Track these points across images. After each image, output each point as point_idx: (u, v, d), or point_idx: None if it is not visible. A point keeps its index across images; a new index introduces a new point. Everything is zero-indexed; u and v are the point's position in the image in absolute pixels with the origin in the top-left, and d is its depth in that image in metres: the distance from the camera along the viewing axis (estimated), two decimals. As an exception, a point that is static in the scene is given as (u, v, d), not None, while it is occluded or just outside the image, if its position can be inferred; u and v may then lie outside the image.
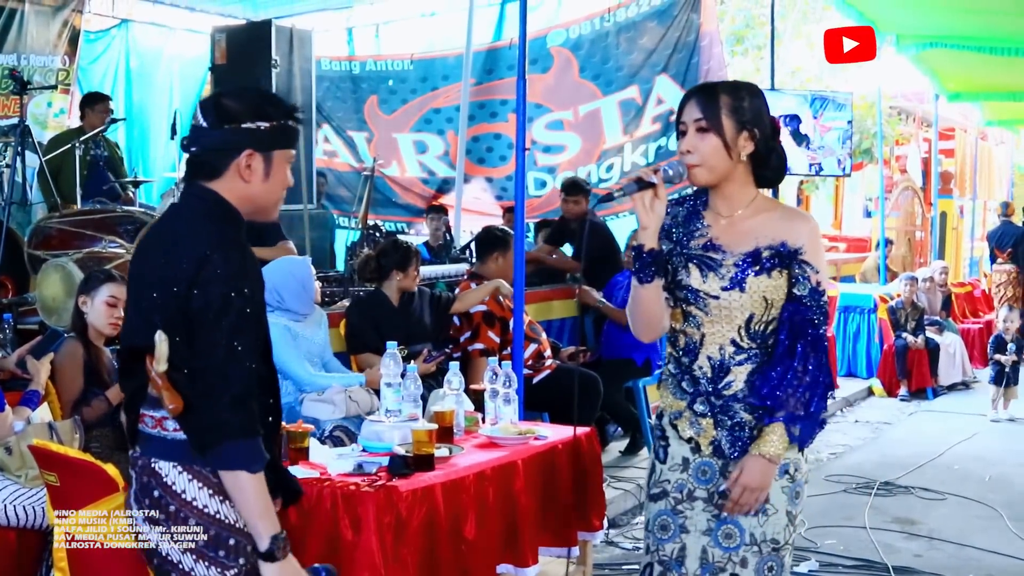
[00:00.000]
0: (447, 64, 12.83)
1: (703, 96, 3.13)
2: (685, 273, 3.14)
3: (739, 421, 3.12)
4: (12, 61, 10.41)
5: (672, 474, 3.21)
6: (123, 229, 6.77)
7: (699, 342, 3.15)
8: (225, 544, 2.77)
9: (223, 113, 2.81)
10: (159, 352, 2.69)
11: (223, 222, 2.82)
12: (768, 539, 3.13)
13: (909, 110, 22.18)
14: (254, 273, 2.86)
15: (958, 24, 10.20)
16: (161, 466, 2.80)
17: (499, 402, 5.01)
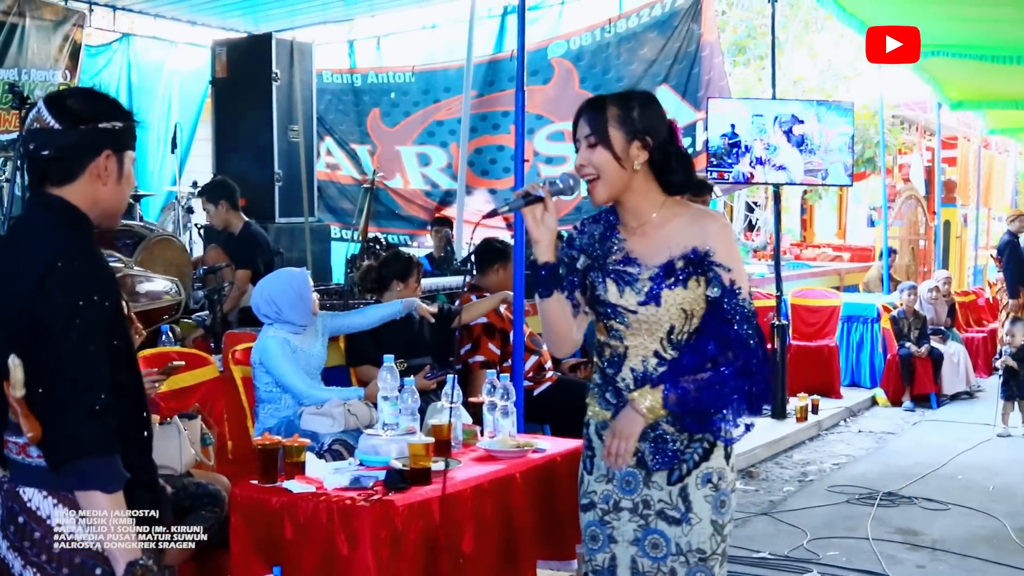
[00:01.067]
0: (449, 76, 12.85)
1: (591, 111, 3.13)
2: (603, 289, 3.14)
3: (661, 433, 3.11)
4: (13, 76, 10.41)
5: (599, 485, 3.23)
6: (122, 243, 6.80)
7: (623, 354, 3.15)
8: (91, 573, 2.64)
9: (77, 114, 2.69)
10: (14, 378, 2.53)
11: (71, 228, 2.68)
12: (694, 548, 3.12)
13: (911, 119, 22.20)
14: (105, 279, 2.69)
15: (960, 33, 10.19)
16: (25, 492, 2.65)
17: (497, 415, 5.00)
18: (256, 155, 9.84)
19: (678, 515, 3.12)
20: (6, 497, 2.69)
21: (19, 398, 2.54)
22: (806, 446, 9.57)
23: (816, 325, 12.03)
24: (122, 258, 6.60)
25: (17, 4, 10.43)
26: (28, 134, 2.70)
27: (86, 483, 2.55)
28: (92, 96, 2.81)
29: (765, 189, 18.48)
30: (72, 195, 2.70)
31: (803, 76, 20.74)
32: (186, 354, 5.66)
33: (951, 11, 9.34)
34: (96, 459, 2.54)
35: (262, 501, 4.11)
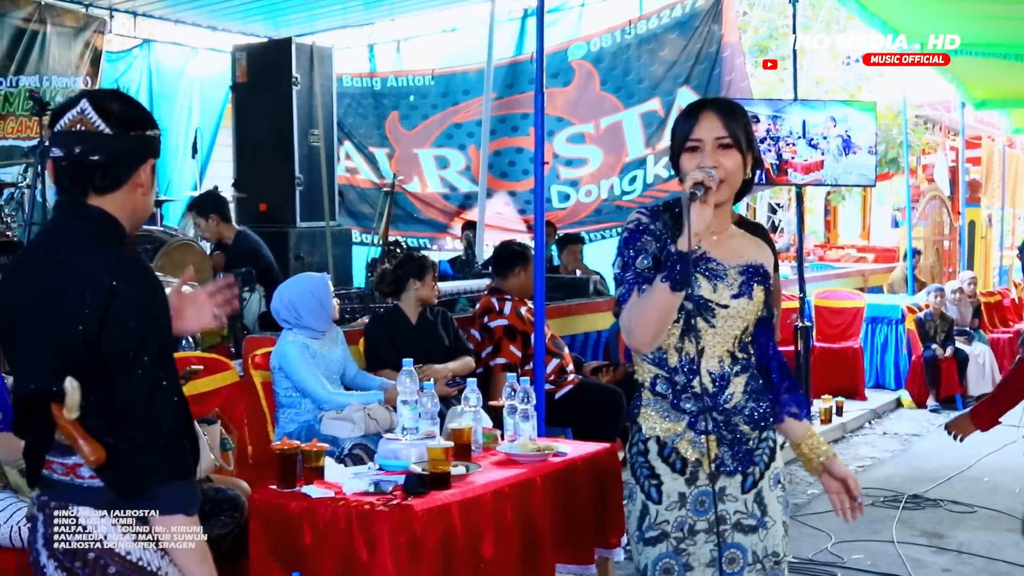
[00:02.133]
0: (468, 79, 12.84)
1: (724, 112, 3.07)
2: (695, 284, 3.03)
3: (740, 435, 3.09)
4: (34, 82, 10.48)
5: (670, 513, 3.07)
6: (142, 248, 6.82)
7: (697, 356, 3.05)
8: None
9: (125, 119, 2.61)
10: (70, 400, 2.43)
11: (118, 244, 2.60)
12: (769, 553, 3.11)
13: (935, 119, 22.08)
14: (164, 298, 2.60)
15: (983, 31, 10.11)
16: (78, 511, 2.55)
17: (518, 418, 4.96)
18: (277, 160, 9.86)
19: (755, 522, 3.10)
20: (50, 517, 2.59)
21: (72, 420, 2.45)
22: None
23: (840, 327, 11.97)
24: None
25: (38, 11, 10.50)
26: (71, 136, 2.57)
27: (169, 508, 2.51)
28: (133, 101, 2.73)
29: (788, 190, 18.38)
30: (111, 204, 2.61)
31: (825, 76, 20.64)
32: (206, 359, 5.66)
33: (974, 10, 9.28)
34: (175, 484, 2.51)
35: (281, 506, 4.09)
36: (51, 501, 2.60)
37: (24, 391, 2.57)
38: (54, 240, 2.64)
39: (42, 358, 2.51)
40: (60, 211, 2.68)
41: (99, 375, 2.46)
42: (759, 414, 3.12)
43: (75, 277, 2.50)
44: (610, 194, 11.93)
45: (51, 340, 2.49)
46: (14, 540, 4.18)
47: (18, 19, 10.39)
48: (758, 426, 3.11)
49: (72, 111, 2.58)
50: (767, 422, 3.14)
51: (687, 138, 3.06)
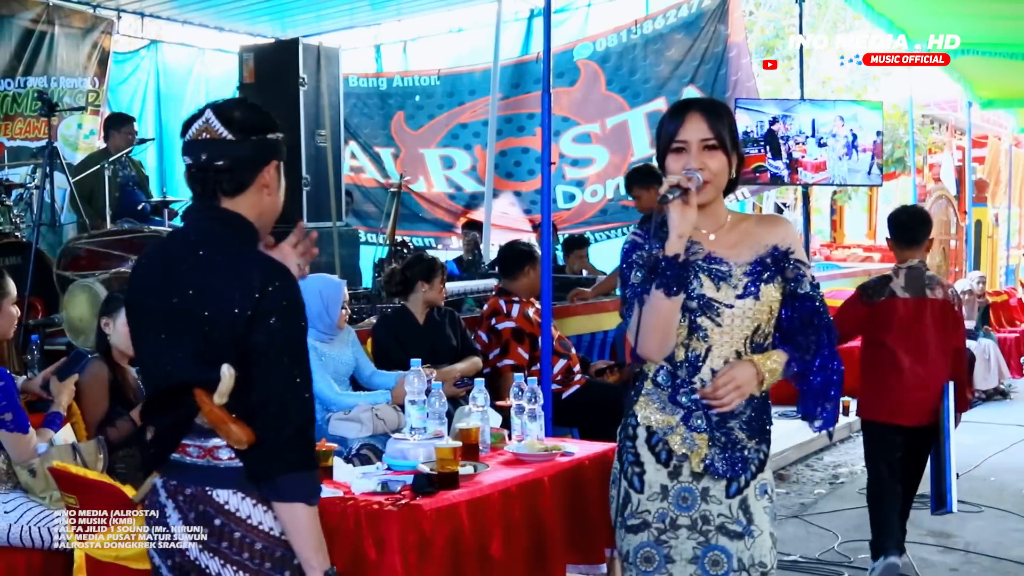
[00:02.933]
0: (474, 79, 12.86)
1: (709, 113, 3.11)
2: (697, 284, 3.07)
3: (734, 440, 3.10)
4: (42, 83, 10.49)
5: (652, 503, 3.13)
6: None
7: (703, 355, 3.09)
8: (291, 564, 2.74)
9: (246, 125, 2.75)
10: (224, 386, 2.60)
11: (256, 245, 2.77)
12: (756, 563, 3.09)
13: (941, 118, 22.05)
14: (302, 299, 2.76)
15: (990, 31, 10.11)
16: (219, 494, 2.70)
17: (525, 418, 4.97)
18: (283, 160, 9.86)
19: (740, 528, 3.09)
20: (193, 501, 2.72)
21: (220, 405, 2.61)
22: (837, 448, 9.51)
23: (847, 326, 11.91)
24: (150, 264, 6.61)
25: (46, 12, 10.52)
26: (198, 144, 2.73)
27: (292, 496, 2.65)
28: (254, 108, 2.84)
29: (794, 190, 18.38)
30: (241, 207, 2.75)
31: (832, 76, 20.63)
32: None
33: (981, 9, 9.28)
34: (300, 474, 2.66)
35: (289, 506, 4.09)
36: (186, 485, 2.73)
37: (168, 383, 2.73)
38: (196, 241, 2.76)
39: (194, 349, 2.67)
40: (197, 214, 2.82)
41: (240, 368, 2.62)
42: (758, 423, 3.13)
43: (226, 277, 2.66)
44: (616, 194, 11.93)
45: (201, 334, 2.66)
46: (24, 540, 4.20)
47: (26, 20, 10.41)
48: (755, 434, 3.12)
49: (198, 121, 2.75)
50: (765, 431, 3.15)
51: (672, 139, 3.10)
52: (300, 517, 2.67)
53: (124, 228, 7.21)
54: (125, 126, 9.20)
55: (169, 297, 2.70)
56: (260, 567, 2.71)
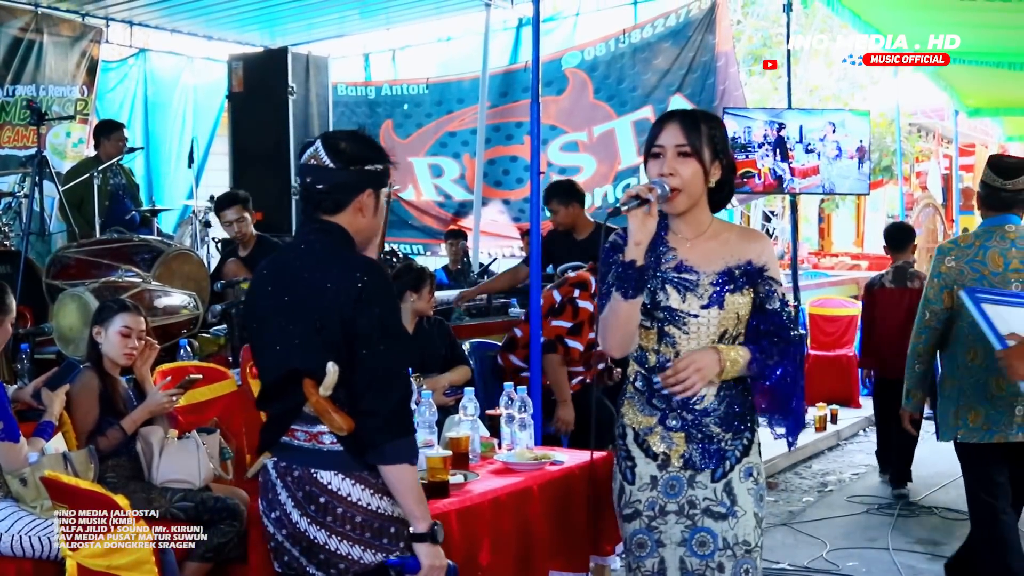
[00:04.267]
0: (462, 88, 12.87)
1: (686, 122, 3.24)
2: (664, 295, 3.25)
3: (709, 434, 3.27)
4: (31, 92, 10.49)
5: (642, 493, 3.35)
6: (140, 258, 6.82)
7: (672, 359, 3.25)
8: (388, 532, 3.17)
9: (348, 156, 3.17)
10: (329, 380, 3.04)
11: (352, 249, 3.20)
12: (740, 541, 3.26)
13: (928, 127, 22.13)
14: (395, 292, 3.25)
15: (976, 40, 10.15)
16: (322, 475, 3.15)
17: (515, 427, 4.98)
18: (273, 169, 9.89)
19: (724, 510, 3.27)
20: (300, 481, 3.17)
21: (325, 397, 3.05)
22: (825, 456, 9.54)
23: (834, 335, 11.97)
24: (140, 273, 6.61)
25: (35, 21, 10.52)
26: (306, 168, 3.20)
27: (397, 459, 3.10)
28: (361, 140, 3.25)
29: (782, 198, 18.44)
30: (340, 223, 3.20)
31: (819, 85, 20.71)
32: (204, 368, 5.67)
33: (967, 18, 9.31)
34: (402, 439, 3.11)
35: (280, 515, 4.10)
36: (293, 467, 3.20)
37: (282, 369, 3.17)
38: (303, 248, 3.27)
39: (304, 339, 3.13)
40: (306, 227, 3.30)
41: (349, 352, 3.07)
42: (733, 415, 3.29)
43: (330, 274, 3.12)
44: (604, 202, 11.94)
45: (314, 327, 3.11)
46: (15, 549, 4.19)
47: (15, 28, 10.40)
48: (731, 427, 3.29)
49: (311, 148, 3.21)
50: (743, 422, 3.31)
51: (652, 144, 3.27)
52: (405, 477, 3.12)
53: (113, 237, 7.20)
54: (115, 133, 9.19)
55: (282, 296, 3.19)
56: (361, 536, 3.15)
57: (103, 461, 4.57)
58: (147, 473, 4.68)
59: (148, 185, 11.92)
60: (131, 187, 9.61)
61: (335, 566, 3.18)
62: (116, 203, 9.18)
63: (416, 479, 3.17)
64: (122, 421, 4.70)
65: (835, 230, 25.30)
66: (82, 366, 4.87)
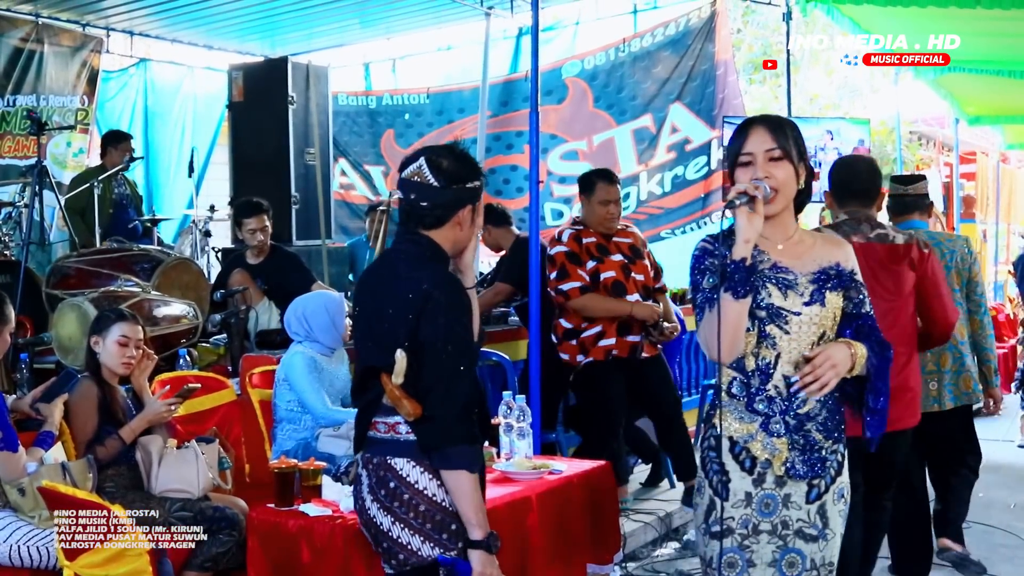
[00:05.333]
0: (463, 97, 12.88)
1: (774, 127, 3.23)
2: (765, 293, 3.19)
3: (812, 441, 3.21)
4: (31, 102, 10.50)
5: (736, 511, 3.23)
6: (139, 268, 6.82)
7: (773, 362, 3.19)
8: (448, 528, 3.29)
9: (451, 175, 3.32)
10: (399, 367, 3.19)
11: (439, 262, 3.35)
12: (827, 563, 3.25)
13: (929, 135, 22.12)
14: (467, 305, 3.34)
15: (976, 48, 10.16)
16: (396, 462, 3.30)
17: (514, 436, 4.98)
18: (273, 178, 9.88)
19: (815, 532, 3.23)
20: (375, 469, 3.35)
21: (398, 384, 3.20)
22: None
23: (834, 343, 11.92)
24: (139, 282, 6.62)
25: (35, 31, 10.53)
26: (411, 184, 3.34)
27: (456, 464, 3.22)
28: (462, 158, 3.40)
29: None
30: (437, 237, 3.36)
31: (819, 93, 20.72)
32: (203, 378, 5.68)
33: (966, 26, 9.33)
34: (464, 446, 3.23)
35: (279, 525, 4.11)
36: (373, 457, 3.38)
37: (364, 365, 3.41)
38: (394, 259, 3.45)
39: (381, 340, 3.29)
40: (399, 238, 3.47)
41: (415, 358, 3.22)
42: (833, 423, 3.23)
43: (405, 284, 3.28)
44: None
45: (386, 329, 3.29)
46: (14, 559, 4.20)
47: (15, 39, 10.42)
48: (831, 435, 3.22)
49: (413, 164, 3.34)
50: (840, 432, 3.25)
51: (739, 153, 3.23)
52: (464, 483, 3.22)
53: (113, 247, 7.20)
54: (123, 143, 9.26)
55: (369, 300, 3.41)
56: (422, 527, 3.28)
57: (102, 470, 4.58)
58: (146, 482, 4.68)
59: (148, 195, 11.92)
60: (135, 197, 9.64)
61: (396, 556, 3.32)
62: (120, 212, 9.21)
63: (475, 487, 3.26)
64: (121, 431, 4.70)
65: (836, 238, 25.26)
66: (80, 376, 4.88)
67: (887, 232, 4.96)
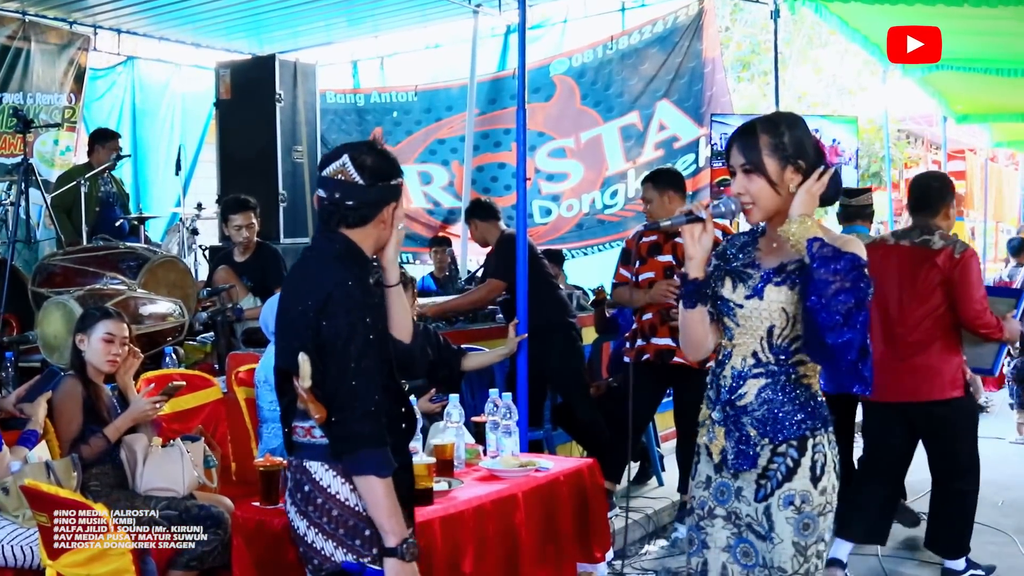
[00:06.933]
0: (451, 95, 12.87)
1: (743, 139, 3.22)
2: (720, 284, 3.28)
3: (745, 435, 3.22)
4: (18, 100, 10.47)
5: (697, 491, 3.36)
6: (125, 266, 6.79)
7: (729, 353, 3.28)
8: (361, 534, 3.18)
9: (375, 173, 3.25)
10: (303, 370, 3.10)
11: (350, 260, 3.23)
12: (776, 566, 3.20)
13: (917, 133, 22.18)
14: (376, 303, 3.28)
15: (965, 46, 10.17)
16: (311, 466, 3.23)
17: (500, 434, 4.98)
18: (260, 176, 9.84)
19: (763, 532, 3.23)
20: (294, 472, 3.29)
21: (306, 388, 3.11)
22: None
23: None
24: (125, 280, 6.59)
25: (22, 28, 10.49)
26: (333, 183, 3.26)
27: (364, 469, 3.11)
28: (384, 155, 3.34)
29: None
30: (357, 235, 3.27)
31: (807, 91, 20.75)
32: (189, 376, 5.66)
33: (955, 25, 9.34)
34: (371, 450, 3.10)
35: (264, 523, 4.10)
36: (294, 460, 3.32)
37: (278, 366, 3.34)
38: (307, 257, 3.37)
39: (290, 341, 3.23)
40: (317, 235, 3.41)
41: (320, 360, 3.12)
42: (771, 425, 3.19)
43: (310, 284, 3.21)
44: (591, 208, 11.95)
45: (292, 330, 3.23)
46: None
47: (2, 36, 10.37)
48: (767, 434, 3.19)
49: (336, 163, 3.26)
50: (782, 435, 3.19)
51: (728, 165, 3.29)
52: (374, 488, 3.10)
53: (99, 245, 7.17)
54: (110, 141, 9.25)
55: (284, 300, 3.35)
56: (335, 532, 3.19)
57: (86, 469, 4.56)
58: (131, 481, 4.66)
59: (136, 193, 11.90)
60: (122, 195, 9.62)
61: (311, 561, 3.25)
62: (107, 210, 9.19)
63: (386, 492, 3.12)
64: (105, 429, 4.68)
65: (824, 236, 25.31)
66: (64, 374, 4.86)
67: (931, 239, 5.95)
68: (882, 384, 5.70)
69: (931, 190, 6.17)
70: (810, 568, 3.22)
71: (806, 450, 3.18)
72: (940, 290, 5.85)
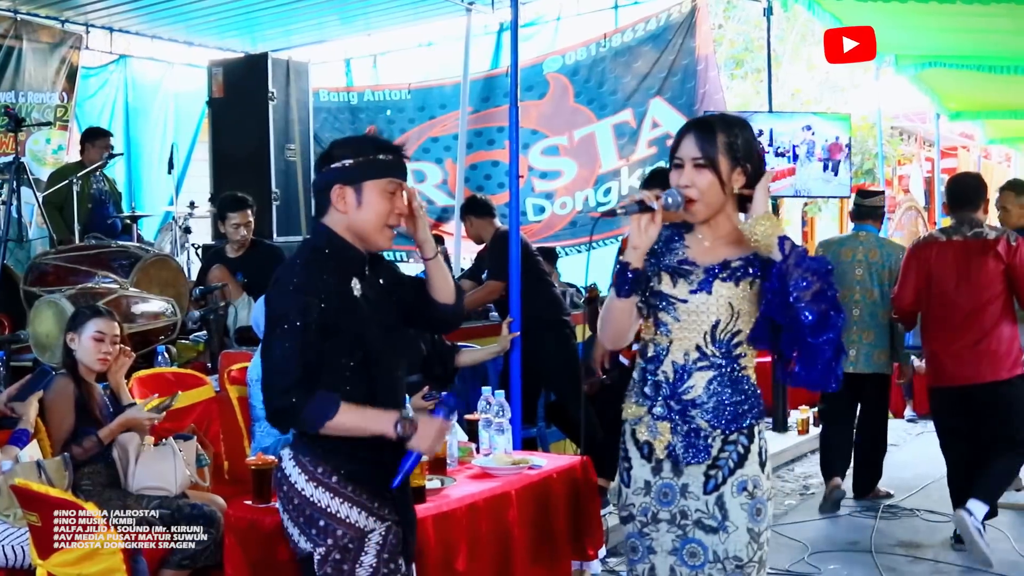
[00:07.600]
0: (444, 93, 12.85)
1: (701, 133, 3.23)
2: (657, 280, 3.27)
3: (695, 427, 3.22)
4: (10, 98, 10.45)
5: (636, 498, 3.32)
6: (117, 264, 6.79)
7: (666, 348, 3.26)
8: (316, 524, 3.22)
9: (323, 157, 3.30)
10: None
11: (312, 248, 3.26)
12: (731, 556, 3.21)
13: (910, 130, 22.17)
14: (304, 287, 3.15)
15: (957, 43, 10.18)
16: (283, 454, 3.34)
17: (493, 432, 4.97)
18: (253, 174, 9.82)
19: (715, 524, 3.21)
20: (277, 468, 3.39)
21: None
22: (807, 459, 9.54)
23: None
24: (118, 279, 6.58)
25: (14, 27, 10.47)
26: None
27: (315, 425, 3.14)
28: (336, 142, 3.37)
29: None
30: (329, 222, 3.29)
31: (801, 88, 20.74)
32: (182, 374, 5.65)
33: (948, 22, 9.34)
34: (308, 406, 3.10)
35: (256, 522, 4.08)
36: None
37: None
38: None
39: None
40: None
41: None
42: (722, 415, 3.21)
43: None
44: (585, 206, 11.94)
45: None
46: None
47: (-7, 35, 10.37)
48: (719, 425, 3.21)
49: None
50: (735, 426, 3.22)
51: (673, 156, 3.27)
52: (340, 425, 3.14)
53: (91, 244, 7.16)
54: (100, 140, 9.25)
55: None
56: (297, 520, 3.25)
57: (78, 468, 4.55)
58: (123, 480, 4.65)
59: (129, 191, 11.88)
60: (114, 194, 9.61)
61: (287, 545, 3.36)
62: (99, 208, 9.17)
63: (352, 418, 3.15)
64: (99, 432, 4.66)
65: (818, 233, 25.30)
66: (56, 373, 4.85)
67: (983, 230, 6.48)
68: (947, 370, 6.50)
69: (970, 188, 6.74)
70: (762, 555, 3.25)
71: (754, 437, 3.25)
72: (1001, 277, 6.38)
